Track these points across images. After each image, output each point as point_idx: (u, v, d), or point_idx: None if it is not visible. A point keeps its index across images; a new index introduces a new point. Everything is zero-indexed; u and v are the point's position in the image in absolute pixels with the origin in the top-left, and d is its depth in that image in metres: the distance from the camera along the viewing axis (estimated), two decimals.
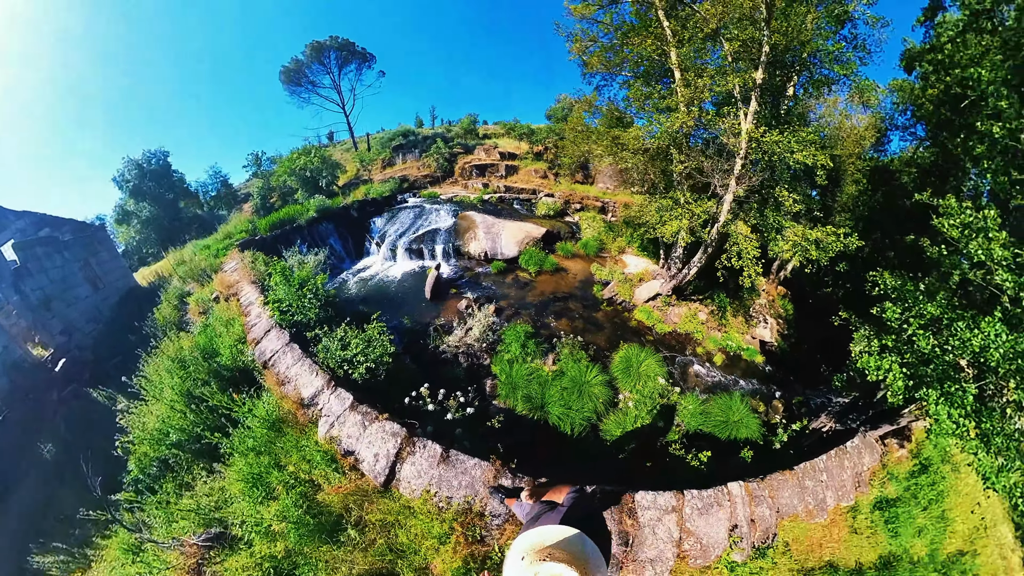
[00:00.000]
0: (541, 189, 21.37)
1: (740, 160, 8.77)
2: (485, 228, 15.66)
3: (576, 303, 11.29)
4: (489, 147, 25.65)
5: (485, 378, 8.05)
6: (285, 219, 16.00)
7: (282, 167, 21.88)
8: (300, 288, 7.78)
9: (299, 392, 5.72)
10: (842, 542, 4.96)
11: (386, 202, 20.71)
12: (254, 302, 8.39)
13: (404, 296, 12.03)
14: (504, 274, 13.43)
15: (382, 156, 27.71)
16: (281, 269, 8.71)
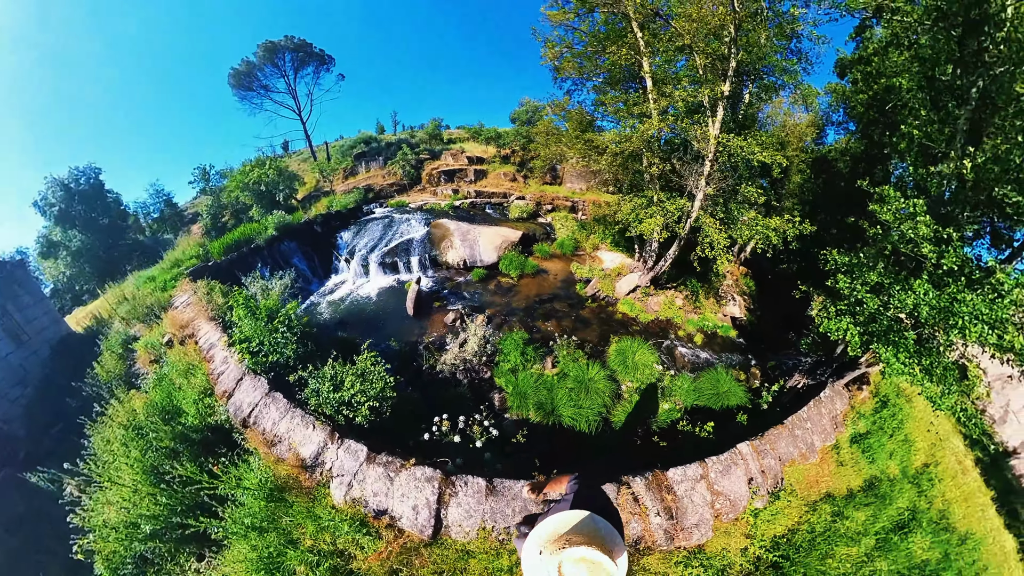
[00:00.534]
0: (512, 192, 21.26)
1: (709, 162, 9.42)
2: (461, 235, 15.48)
3: (562, 303, 11.45)
4: (456, 152, 25.13)
5: (491, 392, 7.92)
6: (241, 240, 14.73)
7: (233, 182, 20.31)
8: (270, 321, 6.88)
9: (297, 452, 5.02)
10: (833, 475, 5.87)
11: (352, 214, 19.71)
12: (216, 343, 7.46)
13: (384, 315, 11.49)
14: (486, 281, 13.26)
15: (344, 165, 26.47)
16: (244, 301, 7.75)
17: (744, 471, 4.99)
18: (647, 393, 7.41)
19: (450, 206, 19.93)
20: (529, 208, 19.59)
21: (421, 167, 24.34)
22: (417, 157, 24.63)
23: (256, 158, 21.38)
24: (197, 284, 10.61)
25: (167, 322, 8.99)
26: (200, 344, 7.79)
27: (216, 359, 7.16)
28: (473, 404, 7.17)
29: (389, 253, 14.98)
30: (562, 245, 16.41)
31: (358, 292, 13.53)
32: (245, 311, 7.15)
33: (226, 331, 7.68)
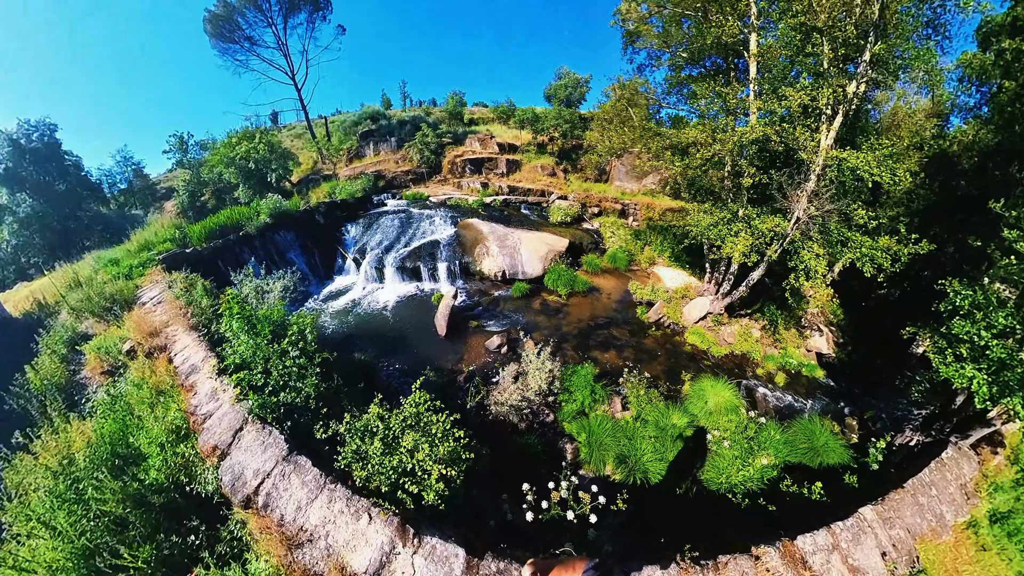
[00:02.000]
0: (551, 189, 20.47)
1: (815, 176, 9.02)
2: (498, 241, 14.60)
3: (621, 329, 11.30)
4: (484, 137, 24.17)
5: (559, 442, 7.56)
6: (228, 225, 13.75)
7: (216, 155, 19.06)
8: (275, 340, 5.79)
9: (340, 559, 3.55)
10: (975, 562, 5.37)
11: (359, 205, 18.92)
12: (200, 366, 6.30)
13: (407, 332, 11.09)
14: (529, 298, 12.90)
15: (347, 145, 25.17)
16: (240, 309, 6.30)
17: (875, 542, 4.70)
18: (737, 445, 7.17)
19: (479, 203, 19.06)
20: (573, 211, 18.61)
21: (442, 153, 23.29)
22: (438, 141, 23.38)
23: (243, 129, 20.09)
24: (173, 276, 10.08)
25: (131, 324, 7.97)
26: (176, 363, 6.72)
27: (200, 390, 5.98)
28: (545, 458, 6.87)
29: (410, 256, 14.41)
30: (614, 258, 15.87)
31: (370, 300, 13.12)
32: (241, 323, 6.13)
33: (214, 349, 6.71)
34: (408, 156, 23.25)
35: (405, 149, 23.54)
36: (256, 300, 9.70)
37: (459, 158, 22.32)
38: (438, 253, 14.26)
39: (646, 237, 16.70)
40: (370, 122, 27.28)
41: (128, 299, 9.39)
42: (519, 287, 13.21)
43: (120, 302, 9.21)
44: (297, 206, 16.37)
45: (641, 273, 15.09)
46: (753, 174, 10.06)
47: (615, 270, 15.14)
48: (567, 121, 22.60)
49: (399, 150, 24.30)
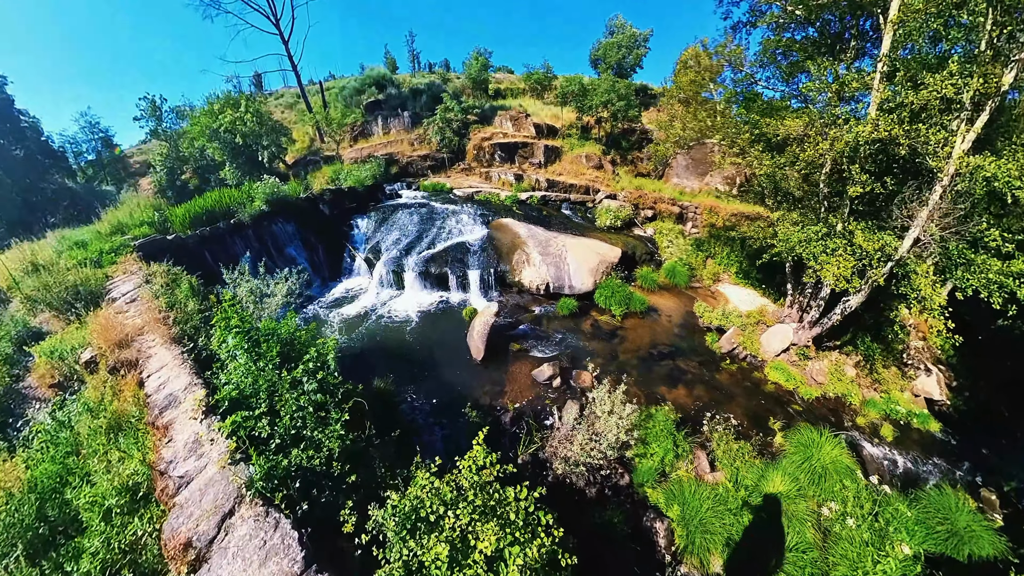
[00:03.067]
0: (597, 185, 19.84)
1: (941, 187, 8.69)
2: (539, 248, 14.19)
3: (688, 360, 11.19)
4: (517, 115, 23.21)
5: (643, 516, 7.02)
6: (216, 210, 13.49)
7: (197, 126, 18.66)
8: (285, 367, 5.28)
9: None
10: None
11: (369, 194, 18.61)
12: (180, 398, 5.70)
13: (432, 352, 10.95)
14: (578, 317, 12.73)
15: (350, 120, 24.62)
16: (239, 321, 5.70)
17: None
18: (864, 524, 6.78)
19: (513, 200, 18.47)
20: (624, 213, 18.01)
21: (466, 134, 22.62)
22: (463, 119, 22.62)
23: (226, 94, 19.55)
24: (151, 268, 9.87)
25: (95, 326, 7.45)
26: (149, 389, 6.13)
27: (177, 435, 5.28)
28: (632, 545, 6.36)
29: (436, 260, 14.15)
30: (673, 272, 15.46)
31: (387, 310, 12.98)
32: (240, 339, 5.56)
33: (202, 372, 6.23)
34: (425, 137, 22.67)
35: (422, 128, 22.95)
36: (253, 305, 9.20)
37: (487, 142, 21.72)
38: (468, 259, 14.17)
39: (709, 248, 16.40)
40: (375, 90, 26.50)
41: (95, 292, 9.09)
42: (566, 304, 12.86)
43: (85, 295, 8.88)
44: (297, 192, 16.07)
45: (704, 291, 14.90)
46: (865, 182, 9.45)
47: (674, 287, 15.02)
48: (621, 97, 21.25)
49: (414, 128, 23.77)
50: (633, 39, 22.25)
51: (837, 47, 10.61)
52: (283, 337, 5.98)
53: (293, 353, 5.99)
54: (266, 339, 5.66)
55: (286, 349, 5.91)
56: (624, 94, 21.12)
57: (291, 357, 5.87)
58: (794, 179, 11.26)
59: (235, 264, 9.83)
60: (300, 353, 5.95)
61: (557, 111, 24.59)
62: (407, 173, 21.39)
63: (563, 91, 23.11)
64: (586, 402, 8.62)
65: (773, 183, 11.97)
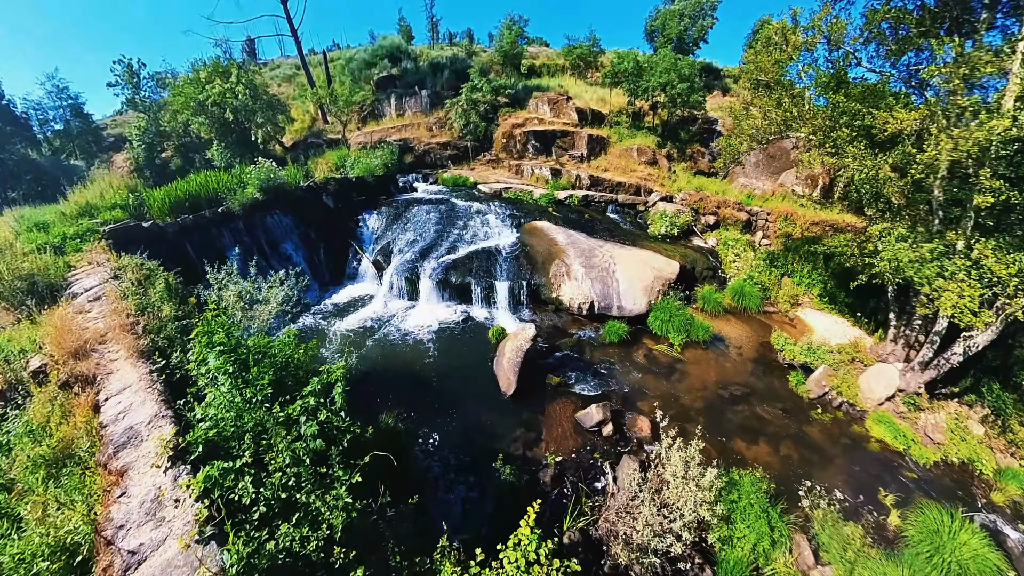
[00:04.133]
0: (649, 185, 19.54)
1: None
2: (582, 258, 13.96)
3: (767, 406, 10.86)
4: (557, 97, 22.91)
5: None
6: (200, 196, 13.62)
7: (180, 97, 18.77)
8: (275, 398, 5.11)
9: None
10: None
11: (380, 186, 18.62)
12: (143, 434, 5.35)
13: (450, 379, 10.85)
14: (629, 346, 12.51)
15: (359, 98, 24.65)
16: (225, 336, 5.40)
17: None
18: None
19: (549, 199, 18.23)
20: (682, 220, 17.50)
21: (494, 119, 22.47)
22: (493, 100, 22.40)
23: (214, 61, 19.46)
24: (122, 261, 9.84)
25: (50, 327, 7.41)
26: (106, 417, 5.80)
27: (133, 487, 4.82)
28: None
29: (457, 268, 13.91)
30: (741, 293, 14.94)
31: (397, 323, 12.92)
32: (224, 361, 5.26)
33: (173, 399, 5.93)
34: (446, 121, 22.65)
35: (443, 110, 23.00)
36: (241, 313, 9.04)
37: (519, 129, 21.46)
38: (496, 268, 14.00)
39: (785, 264, 15.93)
40: (388, 64, 26.30)
41: (54, 284, 9.15)
42: (614, 328, 12.48)
43: (42, 287, 8.95)
44: (297, 180, 16.07)
45: (780, 318, 14.59)
46: (997, 189, 8.87)
47: (743, 311, 14.65)
48: (683, 78, 20.64)
49: (433, 110, 23.78)
50: (698, 6, 21.76)
51: (961, 19, 10.00)
52: (278, 359, 5.77)
53: (289, 380, 5.75)
54: (257, 361, 5.38)
55: (281, 375, 5.68)
56: (688, 74, 20.50)
57: (286, 386, 5.62)
58: (898, 185, 10.64)
59: (221, 261, 9.62)
60: (298, 380, 5.75)
61: (604, 94, 24.22)
62: (424, 163, 21.42)
63: (613, 69, 22.44)
64: (647, 459, 8.33)
65: (875, 188, 11.33)
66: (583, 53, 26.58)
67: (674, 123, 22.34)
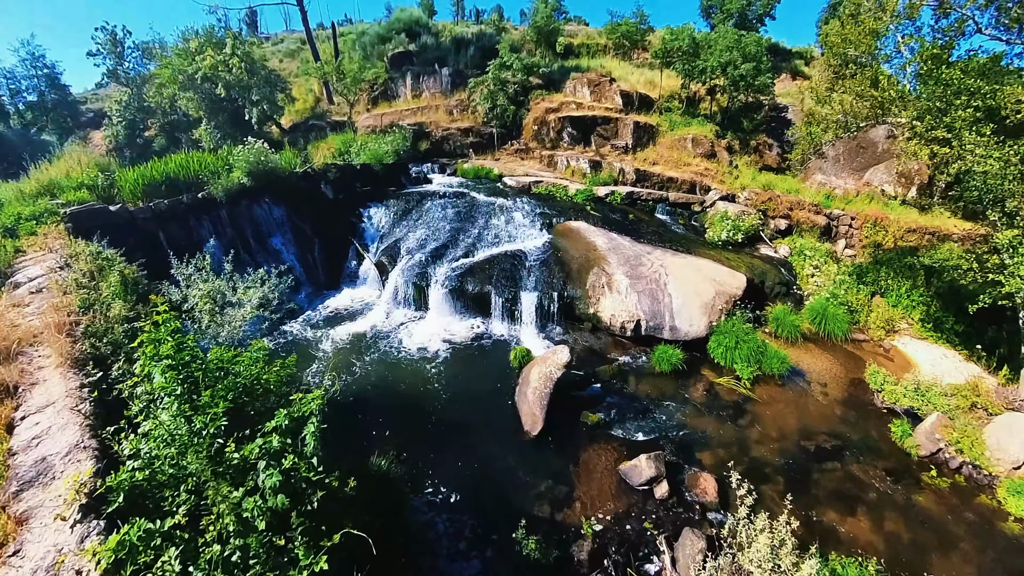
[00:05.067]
0: (707, 181, 19.25)
1: None
2: (626, 266, 13.73)
3: (866, 465, 10.34)
4: (598, 79, 22.86)
5: None
6: (180, 179, 13.67)
7: (167, 70, 19.15)
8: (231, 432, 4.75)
9: None
10: None
11: (389, 176, 18.70)
12: (55, 467, 5.12)
13: (461, 410, 10.71)
14: (684, 377, 12.18)
15: (369, 76, 24.76)
16: (174, 349, 5.11)
17: None
18: None
19: (586, 195, 18.03)
20: (747, 223, 16.83)
21: (525, 102, 22.43)
22: (524, 81, 22.31)
23: (207, 31, 19.72)
24: (77, 248, 9.93)
25: None
26: (17, 442, 5.52)
27: (30, 545, 4.43)
28: None
29: (474, 274, 13.91)
30: (823, 315, 14.24)
31: (400, 337, 12.99)
32: (171, 379, 5.02)
33: (102, 424, 5.53)
34: (469, 104, 22.63)
35: (466, 91, 22.94)
36: (209, 317, 8.99)
37: (554, 115, 21.37)
38: (522, 275, 13.89)
39: (876, 280, 15.22)
40: (405, 38, 26.49)
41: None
42: (665, 355, 11.92)
43: None
44: (292, 165, 16.14)
45: (872, 347, 13.97)
46: None
47: (825, 338, 14.05)
48: (748, 57, 20.34)
49: (454, 91, 23.86)
50: None
51: None
52: (241, 380, 5.52)
53: (251, 408, 5.48)
54: (213, 382, 5.14)
55: (242, 401, 5.42)
56: (753, 53, 20.09)
57: (247, 417, 5.32)
58: None
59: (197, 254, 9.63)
60: (266, 409, 5.47)
61: (653, 76, 24.23)
62: (441, 151, 21.53)
63: (665, 47, 22.21)
64: (716, 536, 7.48)
65: (1002, 186, 10.88)
66: (629, 31, 26.51)
67: (735, 110, 21.99)
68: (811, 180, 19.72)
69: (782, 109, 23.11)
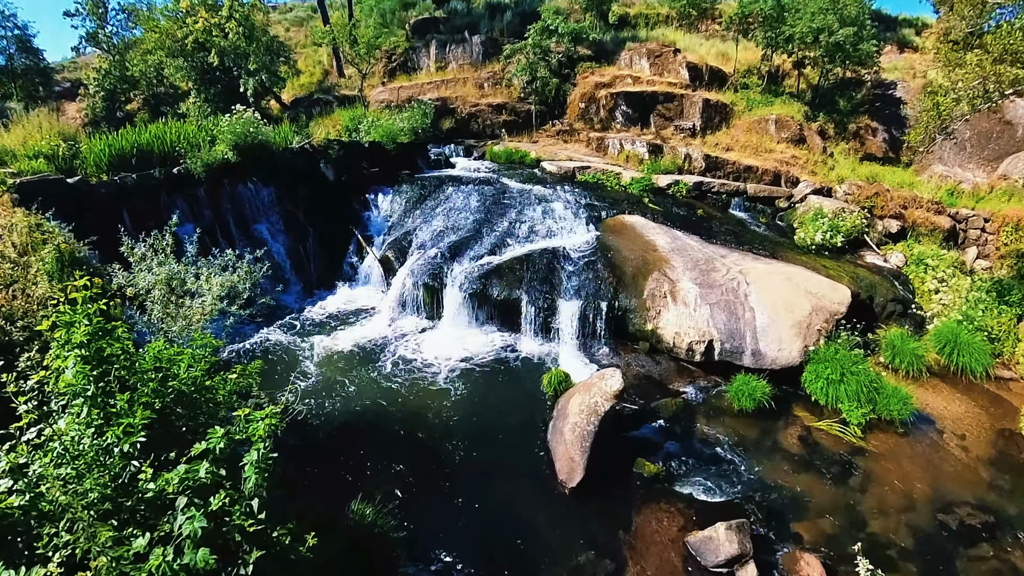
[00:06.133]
0: (795, 171, 18.91)
1: None
2: (694, 272, 13.54)
3: None
4: (660, 48, 22.78)
5: None
6: (152, 151, 13.89)
7: (154, 35, 19.45)
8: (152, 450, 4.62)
9: None
10: None
11: (403, 157, 18.83)
12: None
13: (474, 447, 10.47)
14: (770, 419, 11.66)
15: (388, 44, 25.02)
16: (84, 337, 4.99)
17: None
18: None
19: (644, 185, 17.81)
20: (848, 223, 16.21)
21: (570, 75, 22.46)
22: (570, 51, 22.31)
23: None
24: (17, 218, 10.02)
25: None
26: None
27: None
28: None
29: (500, 275, 13.93)
30: (954, 343, 13.54)
31: (405, 350, 13.02)
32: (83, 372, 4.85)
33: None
34: (504, 76, 22.76)
35: (500, 62, 23.04)
36: (162, 307, 8.83)
37: (605, 90, 21.35)
38: (561, 278, 13.74)
39: (1022, 299, 14.41)
40: (431, 3, 27.10)
41: None
42: (746, 387, 11.37)
43: None
44: (288, 141, 16.30)
45: (1020, 386, 13.33)
46: None
47: (958, 373, 13.36)
48: (847, 21, 20.04)
49: (486, 63, 24.00)
50: None
51: None
52: (180, 385, 5.33)
53: (183, 423, 5.25)
54: (140, 383, 4.99)
55: (174, 412, 5.21)
56: (854, 16, 19.56)
57: (175, 435, 5.04)
58: None
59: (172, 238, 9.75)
60: (204, 425, 5.21)
61: (726, 48, 24.17)
62: (468, 130, 21.67)
63: (742, 11, 21.76)
64: None
65: None
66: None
67: (829, 87, 21.62)
68: (928, 172, 19.02)
69: (888, 86, 22.36)
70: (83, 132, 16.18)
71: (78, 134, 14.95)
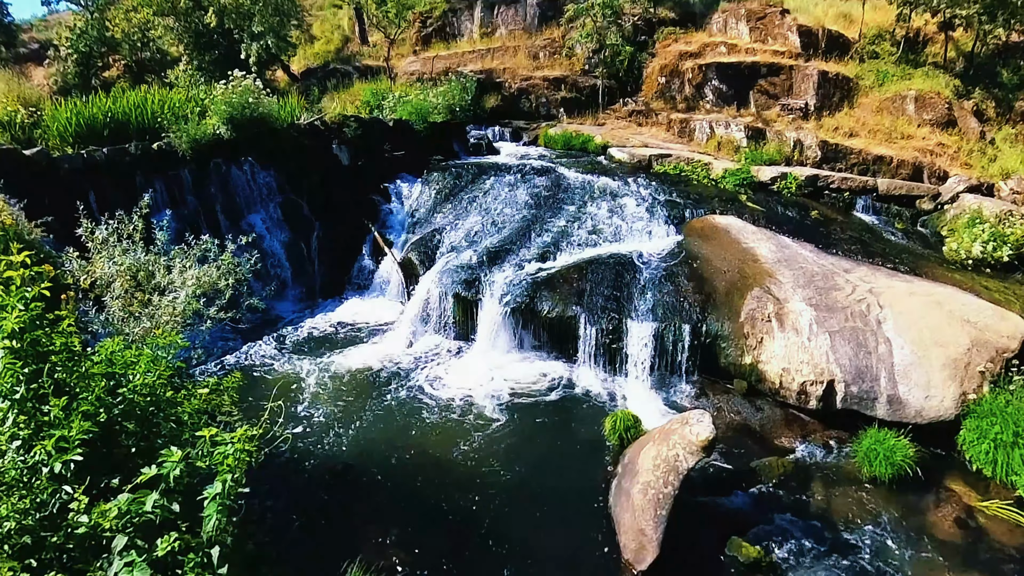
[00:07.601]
0: (941, 163, 19.18)
1: None
2: (808, 289, 13.20)
3: None
4: (763, 10, 22.94)
5: None
6: (130, 124, 14.23)
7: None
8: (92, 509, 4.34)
9: None
10: None
11: (435, 140, 19.08)
12: None
13: (515, 509, 10.27)
14: (913, 490, 11.07)
15: (423, 6, 25.79)
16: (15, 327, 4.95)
17: None
18: None
19: (741, 179, 17.73)
20: (1019, 231, 15.75)
21: (647, 46, 22.62)
22: (647, 13, 22.57)
23: None
24: None
25: None
26: None
27: None
28: None
29: (551, 287, 14.06)
30: None
31: (425, 378, 13.18)
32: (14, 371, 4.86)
33: None
34: (564, 44, 23.10)
35: (559, 27, 23.38)
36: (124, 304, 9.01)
37: (692, 61, 21.60)
38: (631, 293, 13.82)
39: None
40: None
41: None
42: (881, 446, 10.76)
43: None
44: (295, 116, 16.66)
45: None
46: None
47: None
48: None
49: (542, 29, 24.46)
50: None
51: None
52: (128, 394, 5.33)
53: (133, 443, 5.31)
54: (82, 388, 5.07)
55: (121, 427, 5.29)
56: None
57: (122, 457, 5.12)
58: None
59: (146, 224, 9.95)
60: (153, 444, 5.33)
61: (848, 8, 24.14)
62: (517, 109, 22.00)
63: None
64: None
65: None
66: None
67: (988, 55, 21.21)
68: None
69: None
70: (51, 101, 16.52)
71: (42, 101, 15.25)
